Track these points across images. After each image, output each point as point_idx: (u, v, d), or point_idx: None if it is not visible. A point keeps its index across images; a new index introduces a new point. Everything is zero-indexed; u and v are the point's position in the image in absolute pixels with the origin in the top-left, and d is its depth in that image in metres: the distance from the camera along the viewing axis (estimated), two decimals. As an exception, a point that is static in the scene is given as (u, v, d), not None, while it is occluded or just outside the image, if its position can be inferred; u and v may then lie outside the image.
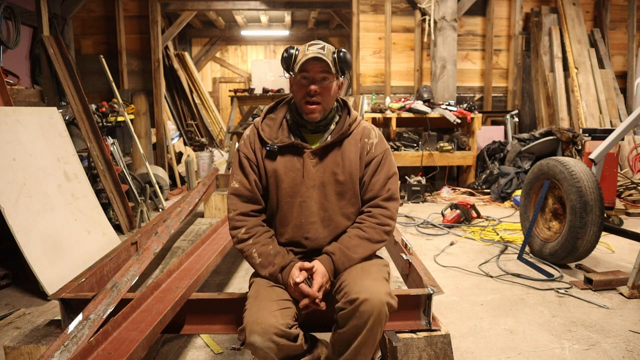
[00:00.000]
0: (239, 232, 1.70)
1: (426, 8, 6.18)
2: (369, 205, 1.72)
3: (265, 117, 1.78)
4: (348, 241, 1.66)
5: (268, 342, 1.45)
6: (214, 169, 5.28)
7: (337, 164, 1.69)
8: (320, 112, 1.68)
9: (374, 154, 1.72)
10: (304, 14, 10.23)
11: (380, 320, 1.48)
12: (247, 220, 1.71)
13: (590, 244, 3.02)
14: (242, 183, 1.73)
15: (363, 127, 1.77)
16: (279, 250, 1.68)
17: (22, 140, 3.18)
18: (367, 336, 1.48)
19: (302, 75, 1.65)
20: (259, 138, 1.73)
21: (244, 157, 1.74)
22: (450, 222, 4.35)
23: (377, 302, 1.46)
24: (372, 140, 1.74)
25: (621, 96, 6.43)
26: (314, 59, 1.61)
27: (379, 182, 1.71)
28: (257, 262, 1.67)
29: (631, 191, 4.98)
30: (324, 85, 1.65)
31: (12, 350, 1.75)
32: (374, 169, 1.72)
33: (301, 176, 1.69)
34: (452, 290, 2.87)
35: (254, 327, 1.46)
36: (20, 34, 4.75)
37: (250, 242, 1.69)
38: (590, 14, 6.69)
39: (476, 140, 5.95)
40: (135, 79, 6.48)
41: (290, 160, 1.70)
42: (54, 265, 2.86)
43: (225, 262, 3.37)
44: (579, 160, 3.24)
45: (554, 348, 2.18)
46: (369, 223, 1.69)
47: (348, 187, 1.71)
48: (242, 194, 1.72)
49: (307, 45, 1.68)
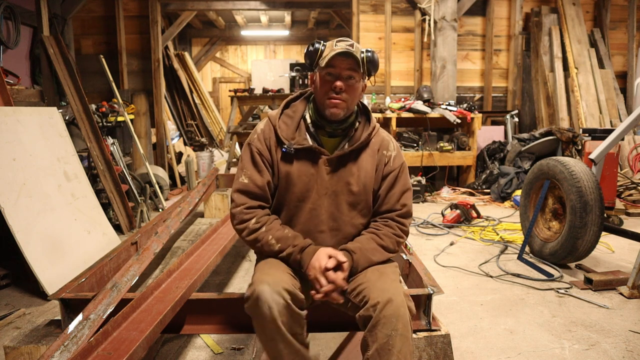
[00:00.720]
0: (249, 224, 1.60)
1: (426, 8, 6.18)
2: (385, 217, 1.66)
3: (282, 113, 1.68)
4: (367, 243, 1.60)
5: (276, 296, 1.39)
6: (214, 169, 5.28)
7: (351, 174, 1.63)
8: (344, 110, 1.59)
9: (391, 167, 1.66)
10: (304, 14, 10.24)
11: (407, 323, 1.41)
12: (255, 212, 1.61)
13: (590, 244, 3.02)
14: (252, 179, 1.62)
15: (382, 138, 1.69)
16: (297, 234, 1.60)
17: (22, 140, 3.18)
18: (402, 343, 1.39)
19: (327, 71, 1.57)
20: (276, 136, 1.63)
21: (256, 153, 1.64)
22: (450, 222, 4.35)
23: (401, 305, 1.41)
24: (390, 152, 1.67)
25: (621, 96, 6.43)
26: (343, 54, 1.53)
27: (395, 196, 1.65)
28: (276, 248, 1.57)
29: (631, 191, 4.98)
30: (349, 84, 1.58)
31: (12, 350, 1.75)
32: (390, 182, 1.66)
33: (314, 182, 1.62)
34: (452, 290, 2.87)
35: (264, 278, 1.43)
36: (20, 34, 4.75)
37: (263, 230, 1.58)
38: (590, 14, 6.69)
39: (476, 140, 5.95)
40: (135, 79, 6.47)
41: (305, 164, 1.62)
42: (54, 265, 2.86)
43: (225, 262, 3.37)
44: (579, 160, 3.24)
45: (554, 348, 2.17)
46: (385, 231, 1.63)
47: (361, 198, 1.65)
48: (252, 191, 1.62)
49: (335, 40, 1.61)
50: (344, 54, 1.54)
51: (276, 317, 1.39)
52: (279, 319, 1.40)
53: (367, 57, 1.59)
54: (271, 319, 1.39)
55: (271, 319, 1.39)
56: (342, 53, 1.53)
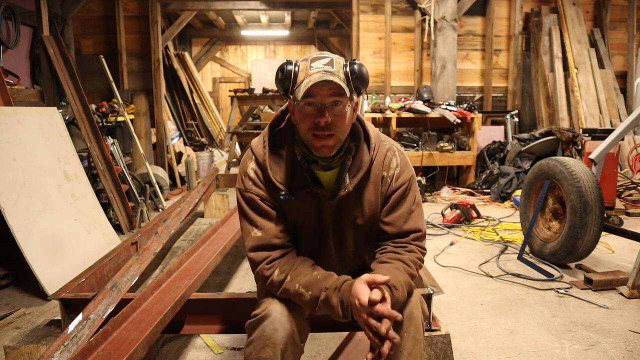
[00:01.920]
0: (272, 278, 1.36)
1: (426, 8, 6.18)
2: (403, 242, 1.43)
3: (269, 151, 1.41)
4: (401, 276, 1.33)
5: (285, 320, 1.30)
6: (214, 169, 5.28)
7: (355, 209, 1.42)
8: (335, 145, 1.33)
9: (394, 188, 1.43)
10: (304, 14, 10.24)
11: (419, 325, 1.34)
12: (276, 262, 1.38)
13: (590, 244, 3.02)
14: (266, 229, 1.38)
15: (383, 157, 1.44)
16: (329, 273, 1.36)
17: (22, 140, 3.18)
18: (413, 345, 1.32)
19: (306, 101, 1.28)
20: (269, 179, 1.38)
21: (258, 199, 1.39)
22: (450, 222, 4.35)
23: (415, 307, 1.35)
24: (392, 171, 1.43)
25: (621, 96, 6.43)
26: (321, 82, 1.25)
27: (403, 217, 1.43)
28: (308, 297, 1.31)
29: (631, 191, 4.98)
30: (336, 112, 1.29)
31: (12, 350, 1.75)
32: (395, 202, 1.43)
33: (317, 222, 1.44)
34: (452, 290, 2.87)
35: (278, 299, 1.34)
36: (20, 34, 4.75)
37: (289, 279, 1.34)
38: (590, 14, 6.69)
39: (476, 140, 5.95)
40: (135, 79, 6.47)
41: (306, 204, 1.41)
42: (54, 265, 2.86)
43: (225, 262, 3.37)
44: (579, 160, 3.24)
45: (554, 348, 2.17)
46: (409, 257, 1.40)
47: (367, 229, 1.46)
48: (270, 243, 1.38)
49: (309, 60, 1.31)
50: (323, 82, 1.25)
51: (278, 341, 1.27)
52: (280, 344, 1.27)
53: (352, 71, 1.29)
54: (272, 342, 1.27)
55: (272, 342, 1.27)
56: (321, 82, 1.25)
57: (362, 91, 1.34)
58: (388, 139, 1.50)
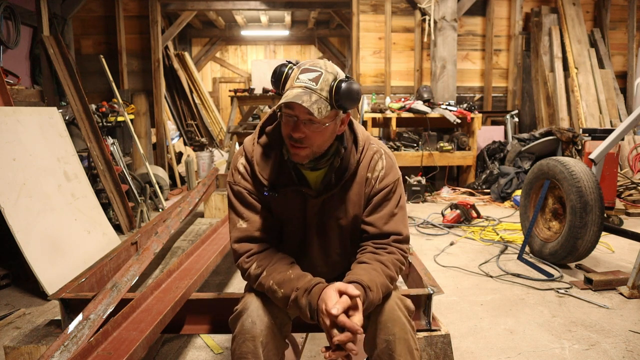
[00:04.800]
0: (250, 270, 1.40)
1: (426, 8, 6.18)
2: (383, 243, 1.44)
3: (258, 148, 1.45)
4: (378, 277, 1.34)
5: (263, 312, 1.33)
6: (214, 169, 5.29)
7: (339, 209, 1.44)
8: (308, 156, 1.34)
9: (377, 189, 1.44)
10: (304, 14, 10.23)
11: (404, 325, 1.34)
12: (256, 256, 1.42)
13: (590, 244, 3.02)
14: (251, 222, 1.43)
15: (369, 159, 1.45)
16: (303, 274, 1.37)
17: (22, 140, 3.18)
18: (402, 346, 1.32)
19: (285, 111, 1.30)
20: (256, 175, 1.43)
21: (245, 192, 1.44)
22: (450, 222, 4.35)
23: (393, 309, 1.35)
24: (377, 173, 1.44)
25: (621, 96, 6.43)
26: (295, 102, 1.24)
27: (383, 219, 1.44)
28: (280, 295, 1.33)
29: (631, 191, 4.98)
30: (312, 129, 1.29)
31: (12, 350, 1.75)
32: (377, 203, 1.44)
33: (301, 221, 1.46)
34: (452, 290, 2.87)
35: (257, 294, 1.37)
36: (20, 34, 4.75)
37: (265, 274, 1.37)
38: (590, 14, 6.69)
39: (476, 140, 5.95)
40: (135, 79, 6.48)
41: (290, 201, 1.44)
42: (54, 265, 2.86)
43: (225, 262, 3.37)
44: (579, 160, 3.24)
45: (554, 348, 2.17)
46: (389, 258, 1.41)
47: (351, 229, 1.48)
48: (253, 235, 1.43)
49: (300, 69, 1.30)
50: (296, 101, 1.23)
51: (257, 334, 1.29)
52: (259, 337, 1.29)
53: (337, 89, 1.26)
54: (251, 336, 1.29)
55: (251, 335, 1.29)
56: (295, 101, 1.23)
57: (348, 109, 1.32)
58: (377, 142, 1.51)
